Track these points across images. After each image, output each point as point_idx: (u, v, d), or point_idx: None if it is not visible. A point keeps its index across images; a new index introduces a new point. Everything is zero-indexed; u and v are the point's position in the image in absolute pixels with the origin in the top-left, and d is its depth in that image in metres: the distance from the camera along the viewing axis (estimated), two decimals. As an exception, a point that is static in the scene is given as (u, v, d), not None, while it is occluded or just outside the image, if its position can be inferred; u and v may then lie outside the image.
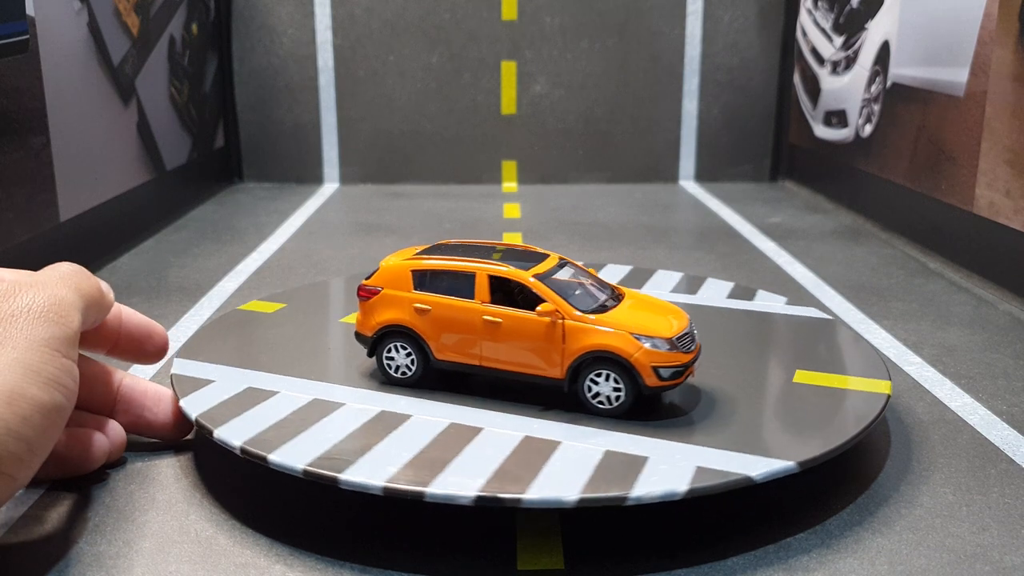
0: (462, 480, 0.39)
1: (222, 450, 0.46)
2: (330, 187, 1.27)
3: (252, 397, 0.47)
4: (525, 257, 0.49)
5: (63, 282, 0.41)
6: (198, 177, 1.17)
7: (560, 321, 0.46)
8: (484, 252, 0.50)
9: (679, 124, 1.30)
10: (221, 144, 1.26)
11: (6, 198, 0.70)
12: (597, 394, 0.46)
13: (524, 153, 1.30)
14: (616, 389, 0.45)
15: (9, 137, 0.71)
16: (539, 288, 0.47)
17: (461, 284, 0.48)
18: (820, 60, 1.18)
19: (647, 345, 0.45)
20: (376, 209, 1.12)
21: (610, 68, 1.28)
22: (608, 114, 1.29)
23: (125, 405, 0.47)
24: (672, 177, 1.31)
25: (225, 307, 0.72)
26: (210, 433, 0.43)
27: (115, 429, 0.46)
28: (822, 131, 1.18)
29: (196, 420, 0.44)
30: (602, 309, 0.47)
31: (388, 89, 1.28)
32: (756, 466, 0.40)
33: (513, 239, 0.96)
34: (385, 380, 0.50)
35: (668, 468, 0.40)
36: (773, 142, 1.31)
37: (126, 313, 0.48)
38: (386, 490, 0.38)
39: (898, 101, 0.97)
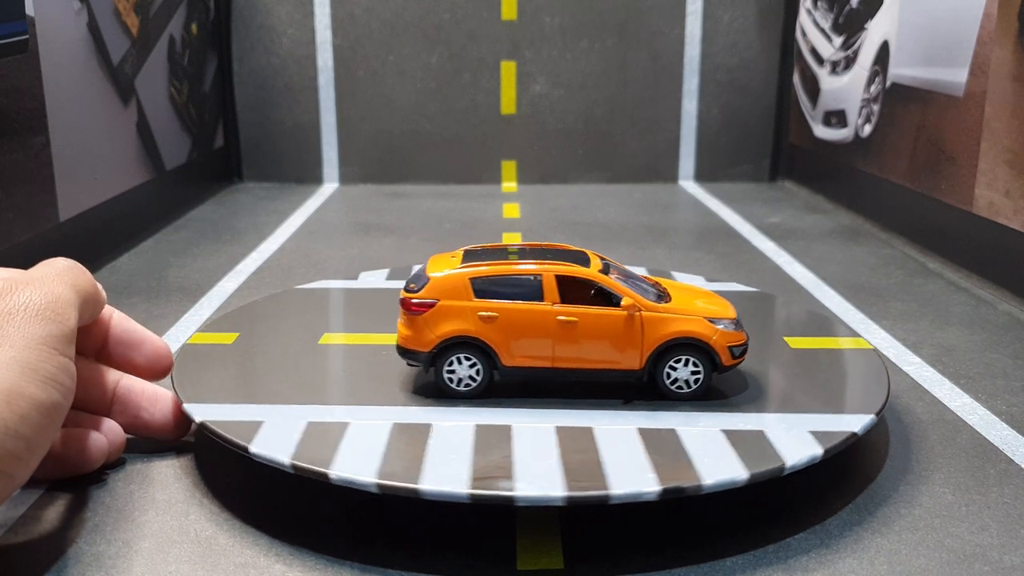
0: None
1: (222, 450, 0.46)
2: (330, 187, 1.27)
3: (319, 432, 0.43)
4: (564, 255, 0.49)
5: (59, 279, 0.41)
6: (198, 177, 1.17)
7: (638, 313, 0.47)
8: (525, 253, 0.50)
9: (679, 124, 1.30)
10: (221, 144, 1.26)
11: (6, 198, 0.70)
12: (675, 380, 0.47)
13: (524, 153, 1.30)
14: (695, 373, 0.47)
15: (9, 137, 0.71)
16: (611, 283, 0.47)
17: (527, 287, 0.47)
18: (820, 60, 1.18)
19: (721, 327, 0.48)
20: (376, 209, 1.12)
21: (610, 68, 1.28)
22: (608, 114, 1.29)
23: (122, 405, 0.47)
24: (672, 177, 1.31)
25: (225, 307, 0.72)
26: (323, 477, 0.39)
27: (114, 429, 0.46)
28: (822, 131, 1.18)
29: (294, 465, 0.40)
30: (664, 298, 0.49)
31: (388, 89, 1.28)
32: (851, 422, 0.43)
33: (513, 239, 0.96)
34: (444, 394, 0.48)
35: (783, 437, 0.42)
36: (773, 142, 1.31)
37: (116, 316, 0.48)
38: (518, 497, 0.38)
39: (897, 101, 0.97)
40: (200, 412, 0.44)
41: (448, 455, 0.41)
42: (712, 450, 0.42)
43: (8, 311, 0.37)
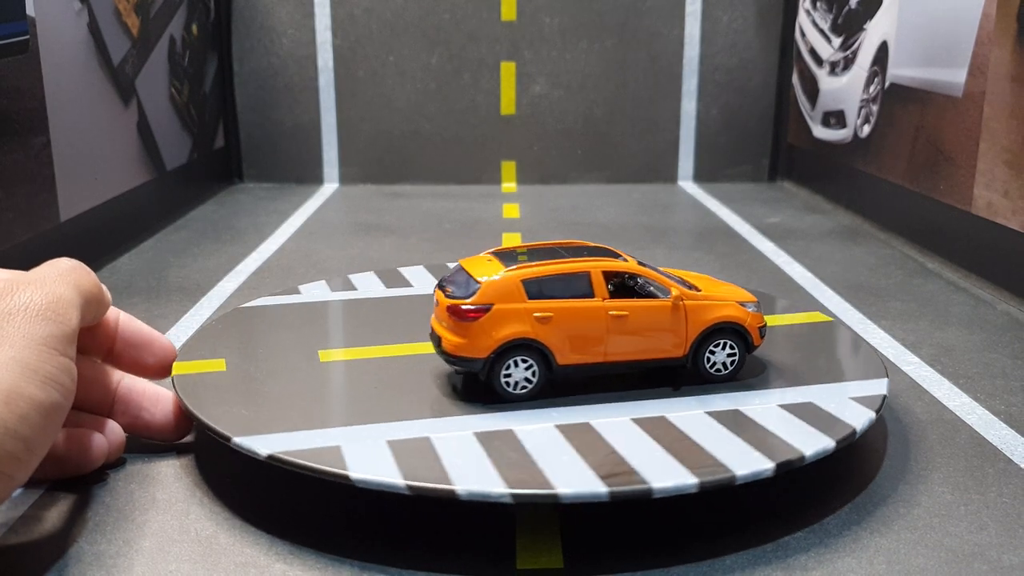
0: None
1: (222, 449, 0.46)
2: (330, 187, 1.27)
3: (408, 449, 0.42)
4: (592, 252, 0.50)
5: (62, 279, 0.41)
6: (198, 177, 1.18)
7: (682, 303, 0.48)
8: (555, 252, 0.50)
9: (678, 124, 1.30)
10: (221, 144, 1.26)
11: (6, 198, 0.71)
12: (713, 364, 0.49)
13: (523, 153, 1.30)
14: (730, 355, 0.50)
15: (9, 137, 0.71)
16: (655, 276, 0.50)
17: (577, 285, 0.47)
18: (819, 61, 1.18)
19: (751, 310, 0.50)
20: (376, 209, 1.12)
21: (609, 69, 1.28)
22: (607, 114, 1.29)
23: (123, 406, 0.47)
24: (671, 177, 1.32)
25: (225, 307, 0.72)
26: (451, 495, 0.38)
27: (114, 429, 0.46)
28: (821, 131, 1.18)
29: (410, 487, 0.38)
30: (692, 287, 0.51)
31: (388, 89, 1.28)
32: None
33: (513, 239, 0.96)
34: (501, 399, 0.47)
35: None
36: (772, 142, 1.31)
37: (123, 318, 0.48)
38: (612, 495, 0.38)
39: (896, 101, 0.97)
40: (263, 445, 0.41)
41: (558, 457, 0.41)
42: (788, 429, 0.44)
43: (8, 311, 0.37)
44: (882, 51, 1.00)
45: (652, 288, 0.50)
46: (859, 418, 0.44)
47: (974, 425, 0.51)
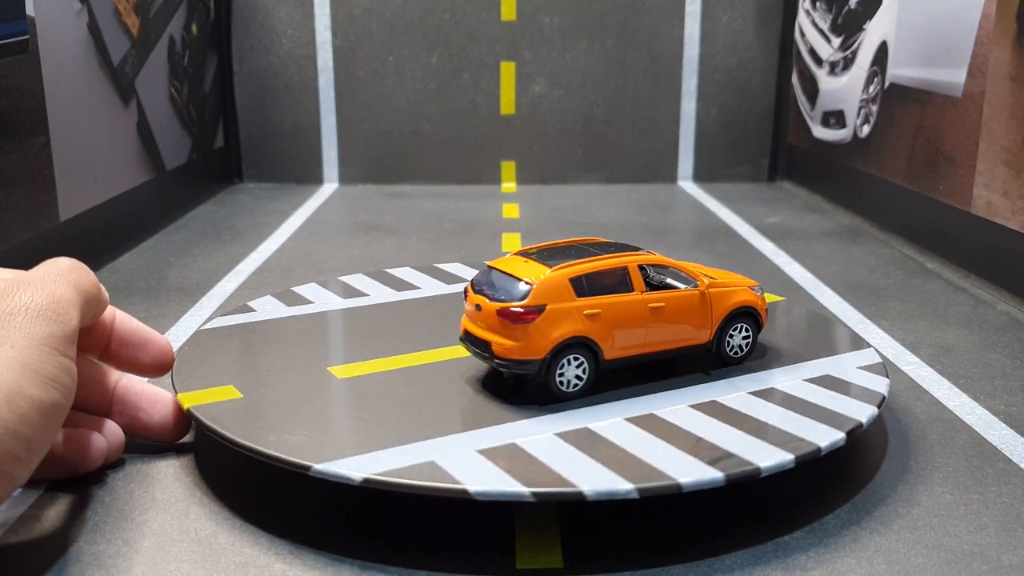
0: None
1: (222, 449, 0.46)
2: (330, 187, 1.27)
3: (502, 455, 0.41)
4: (618, 248, 0.51)
5: (62, 279, 0.41)
6: (198, 177, 1.18)
7: (707, 291, 0.51)
8: (584, 249, 0.50)
9: (678, 124, 1.30)
10: (221, 144, 1.26)
11: (6, 198, 0.71)
12: (731, 347, 0.52)
13: (523, 153, 1.30)
14: (745, 337, 0.52)
15: (9, 137, 0.71)
16: (684, 267, 0.51)
17: (617, 280, 0.48)
18: (818, 61, 1.18)
19: (759, 293, 0.53)
20: (376, 209, 1.12)
21: (609, 69, 1.28)
22: (607, 114, 1.29)
23: (121, 406, 0.47)
24: (671, 177, 1.32)
25: (225, 307, 0.72)
26: (579, 496, 0.38)
27: (113, 429, 0.46)
28: (820, 131, 1.18)
29: (535, 494, 0.38)
30: (705, 276, 0.52)
31: (388, 89, 1.28)
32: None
33: (512, 239, 0.96)
34: (555, 399, 0.47)
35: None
36: (771, 142, 1.31)
37: (120, 316, 0.48)
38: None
39: (896, 102, 0.97)
40: (350, 469, 0.39)
41: (652, 448, 0.41)
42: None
43: (9, 311, 0.38)
44: (882, 51, 1.01)
45: (667, 279, 0.51)
46: (876, 383, 0.48)
47: (974, 425, 0.51)
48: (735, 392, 0.48)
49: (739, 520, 0.41)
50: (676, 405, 0.47)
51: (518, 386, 0.48)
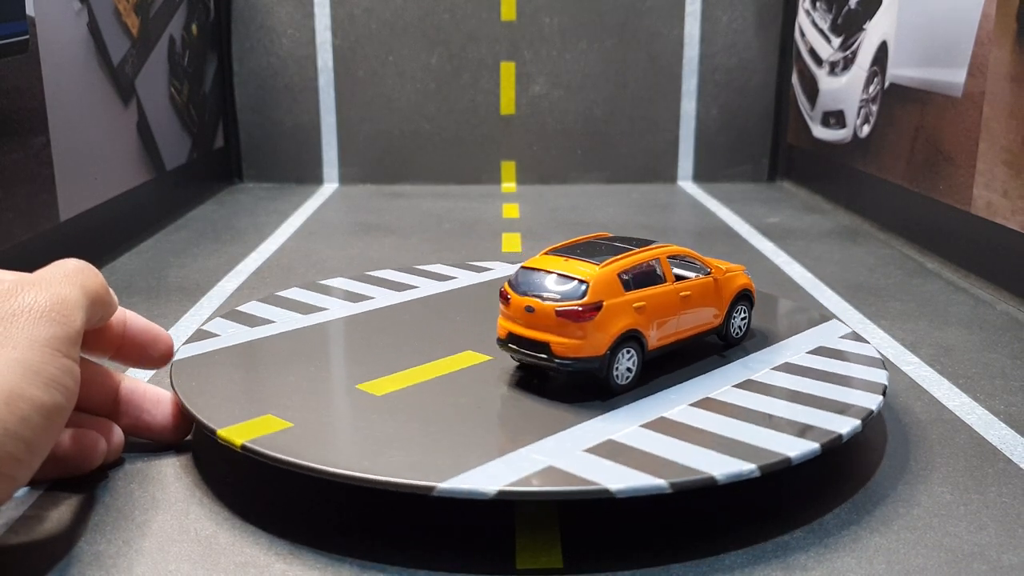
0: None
1: (222, 449, 0.46)
2: (330, 187, 1.27)
3: (617, 451, 0.42)
4: (639, 243, 0.52)
5: (67, 280, 0.41)
6: (198, 177, 1.18)
7: (719, 277, 0.53)
8: (613, 244, 0.52)
9: (678, 124, 1.30)
10: (221, 144, 1.26)
11: (6, 198, 0.71)
12: (734, 328, 0.55)
13: (523, 153, 1.30)
14: (743, 318, 0.55)
15: (9, 137, 0.71)
16: (700, 257, 0.54)
17: (653, 272, 0.50)
18: (818, 61, 1.18)
19: (749, 275, 0.56)
20: (376, 209, 1.12)
21: (609, 69, 1.28)
22: (607, 114, 1.29)
23: (124, 407, 0.47)
24: (671, 177, 1.32)
25: (225, 307, 0.72)
26: (711, 482, 0.39)
27: (113, 430, 0.46)
28: (820, 131, 1.18)
29: (672, 484, 0.39)
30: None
31: (387, 89, 1.28)
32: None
33: (512, 239, 0.96)
34: (612, 393, 0.48)
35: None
36: (771, 142, 1.31)
37: (130, 317, 0.48)
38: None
39: (896, 102, 0.97)
40: (477, 483, 0.38)
41: (737, 429, 0.44)
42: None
43: (12, 312, 0.37)
44: (882, 51, 1.01)
45: (682, 269, 0.54)
46: (869, 352, 0.52)
47: (974, 425, 0.51)
48: (762, 370, 0.51)
49: (739, 520, 0.41)
50: (722, 387, 0.49)
51: (567, 384, 0.49)
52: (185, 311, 0.71)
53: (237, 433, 0.43)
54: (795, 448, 0.41)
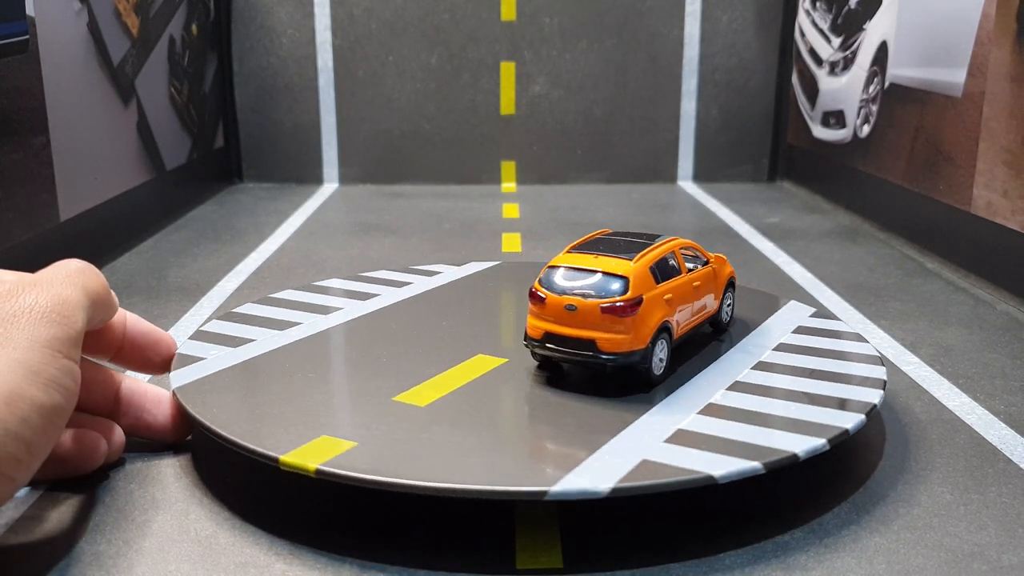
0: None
1: (221, 449, 0.46)
2: (330, 187, 1.27)
3: (687, 439, 0.43)
4: (651, 237, 0.54)
5: (69, 281, 0.41)
6: (198, 177, 1.18)
7: (715, 267, 0.56)
8: (633, 241, 0.53)
9: (677, 124, 1.30)
10: (221, 144, 1.26)
11: (6, 198, 0.71)
12: (724, 314, 0.57)
13: (523, 153, 1.30)
14: (729, 304, 0.58)
15: (9, 137, 0.71)
16: (700, 248, 0.56)
17: (672, 265, 0.52)
18: (818, 61, 1.18)
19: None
20: (376, 209, 1.12)
21: (609, 69, 1.28)
22: (607, 114, 1.29)
23: (125, 407, 0.47)
24: (671, 177, 1.32)
25: (225, 307, 0.72)
26: (794, 459, 0.41)
27: (114, 430, 0.46)
28: (820, 131, 1.18)
29: (764, 464, 0.40)
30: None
31: (387, 89, 1.28)
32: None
33: (512, 239, 0.96)
34: (651, 384, 0.49)
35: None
36: (771, 142, 1.31)
37: (131, 319, 0.48)
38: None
39: (896, 101, 0.97)
40: (592, 482, 0.38)
41: (787, 408, 0.46)
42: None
43: (13, 313, 0.37)
44: (882, 51, 1.01)
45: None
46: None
47: (974, 425, 0.51)
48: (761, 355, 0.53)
49: (739, 520, 0.41)
50: (743, 371, 0.51)
51: (610, 379, 0.49)
52: (185, 311, 0.71)
53: (302, 457, 0.40)
54: (850, 420, 0.44)
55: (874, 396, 0.47)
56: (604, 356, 0.47)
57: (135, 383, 0.48)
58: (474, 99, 1.29)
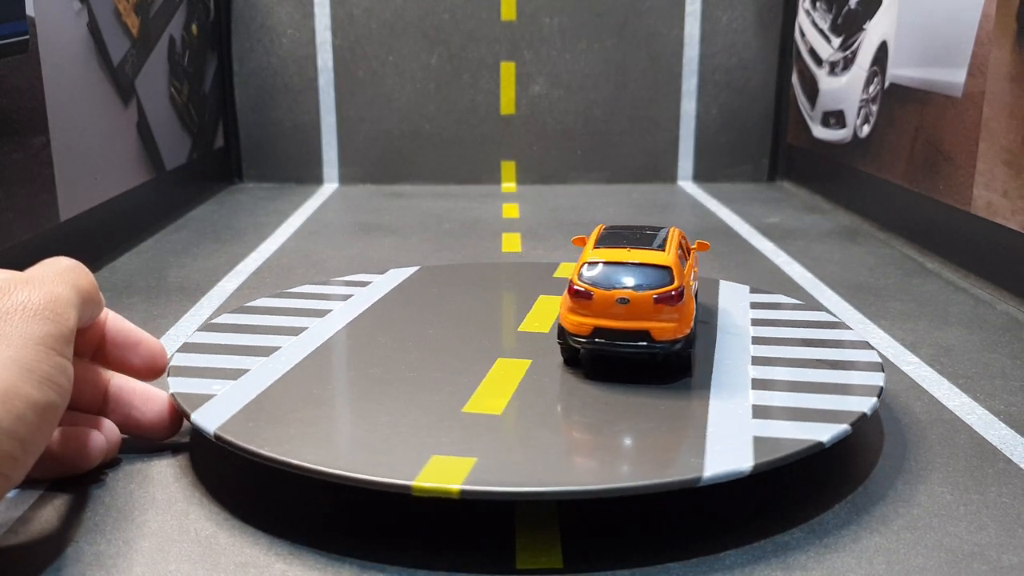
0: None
1: (221, 449, 0.46)
2: (330, 187, 1.27)
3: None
4: (654, 229, 0.56)
5: (60, 278, 0.41)
6: (198, 177, 1.18)
7: (697, 251, 0.59)
8: (647, 233, 0.55)
9: (677, 124, 1.30)
10: (221, 144, 1.26)
11: (6, 198, 0.71)
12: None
13: (523, 153, 1.30)
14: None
15: (9, 137, 0.71)
16: (681, 233, 0.57)
17: (681, 253, 0.54)
18: (818, 61, 1.18)
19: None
20: (376, 209, 1.12)
21: (609, 69, 1.28)
22: (607, 114, 1.29)
23: (114, 404, 0.47)
24: (671, 177, 1.32)
25: (225, 307, 0.72)
26: (863, 418, 0.44)
27: (110, 428, 0.46)
28: (820, 131, 1.18)
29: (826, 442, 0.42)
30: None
31: (387, 89, 1.28)
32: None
33: (512, 239, 0.96)
34: (688, 371, 0.51)
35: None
36: (771, 142, 1.31)
37: (111, 317, 0.48)
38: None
39: (896, 102, 0.97)
40: (730, 460, 0.40)
41: (810, 400, 0.47)
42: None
43: (6, 310, 0.37)
44: (882, 51, 1.01)
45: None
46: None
47: (973, 425, 0.51)
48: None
49: (738, 519, 0.41)
50: (750, 346, 0.54)
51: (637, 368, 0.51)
52: (185, 311, 0.71)
53: (436, 480, 0.38)
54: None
55: (878, 379, 0.49)
56: (659, 345, 0.49)
57: (124, 380, 0.47)
58: (474, 99, 1.29)
